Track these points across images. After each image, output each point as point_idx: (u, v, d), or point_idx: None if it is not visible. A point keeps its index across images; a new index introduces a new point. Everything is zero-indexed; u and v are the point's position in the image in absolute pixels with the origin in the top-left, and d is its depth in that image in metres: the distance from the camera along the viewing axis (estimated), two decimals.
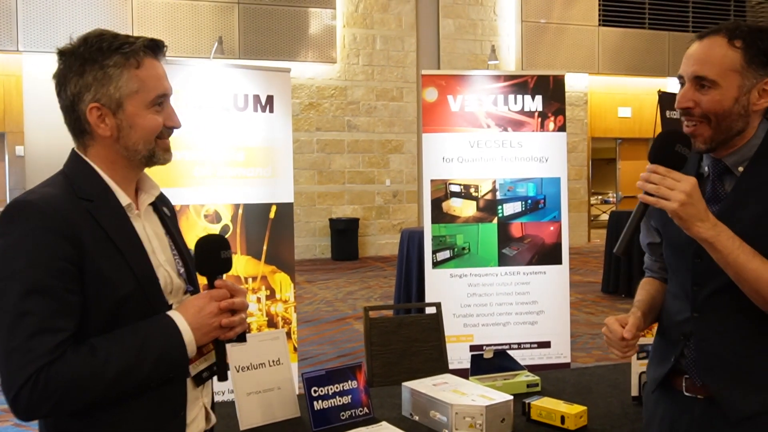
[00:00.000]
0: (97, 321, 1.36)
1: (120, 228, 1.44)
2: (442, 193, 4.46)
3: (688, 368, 1.70)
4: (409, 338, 3.29)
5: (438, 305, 3.43)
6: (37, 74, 11.71)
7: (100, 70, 1.42)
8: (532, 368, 4.16)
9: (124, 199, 1.48)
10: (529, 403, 2.42)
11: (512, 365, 2.83)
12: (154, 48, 1.49)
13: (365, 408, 2.43)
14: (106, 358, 1.31)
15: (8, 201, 11.90)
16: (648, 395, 1.89)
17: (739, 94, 1.58)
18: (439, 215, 4.46)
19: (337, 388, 2.39)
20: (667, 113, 7.71)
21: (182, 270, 1.58)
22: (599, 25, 14.18)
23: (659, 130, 7.67)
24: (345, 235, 12.89)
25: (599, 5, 14.27)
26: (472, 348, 4.35)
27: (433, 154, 4.46)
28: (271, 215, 4.03)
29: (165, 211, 1.64)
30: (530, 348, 4.46)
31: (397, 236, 7.00)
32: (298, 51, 12.69)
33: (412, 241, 6.36)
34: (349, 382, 2.42)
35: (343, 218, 13.03)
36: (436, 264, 4.44)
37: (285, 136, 4.08)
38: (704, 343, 1.67)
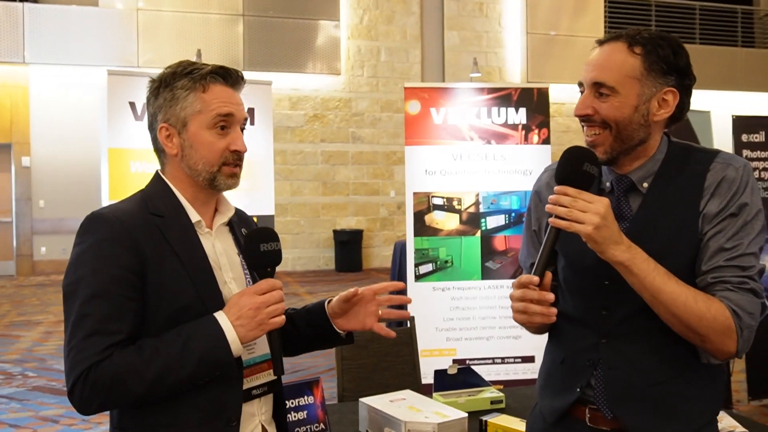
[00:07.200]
0: (156, 326, 1.48)
1: (187, 243, 1.56)
2: (424, 206, 4.44)
3: (596, 399, 1.58)
4: (380, 352, 3.26)
5: (411, 319, 3.40)
6: (43, 86, 11.83)
7: (170, 91, 1.57)
8: (515, 383, 4.12)
9: (194, 216, 1.60)
10: (486, 421, 2.38)
11: (477, 381, 2.80)
12: (224, 75, 1.59)
13: (321, 424, 2.41)
14: (149, 358, 1.43)
15: (14, 210, 12.02)
16: (538, 425, 1.75)
17: (638, 102, 1.52)
18: (422, 228, 4.43)
19: (292, 403, 2.37)
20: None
21: None
22: None
23: None
24: (348, 247, 12.87)
25: (605, 17, 14.23)
26: (455, 362, 4.31)
27: (415, 166, 4.44)
28: None
29: (242, 232, 1.71)
30: (514, 363, 4.41)
31: None
32: (302, 63, 12.73)
33: (404, 253, 6.32)
34: (305, 397, 2.40)
35: (347, 230, 13.02)
36: (418, 277, 4.41)
37: (266, 149, 4.07)
38: (613, 371, 1.56)
